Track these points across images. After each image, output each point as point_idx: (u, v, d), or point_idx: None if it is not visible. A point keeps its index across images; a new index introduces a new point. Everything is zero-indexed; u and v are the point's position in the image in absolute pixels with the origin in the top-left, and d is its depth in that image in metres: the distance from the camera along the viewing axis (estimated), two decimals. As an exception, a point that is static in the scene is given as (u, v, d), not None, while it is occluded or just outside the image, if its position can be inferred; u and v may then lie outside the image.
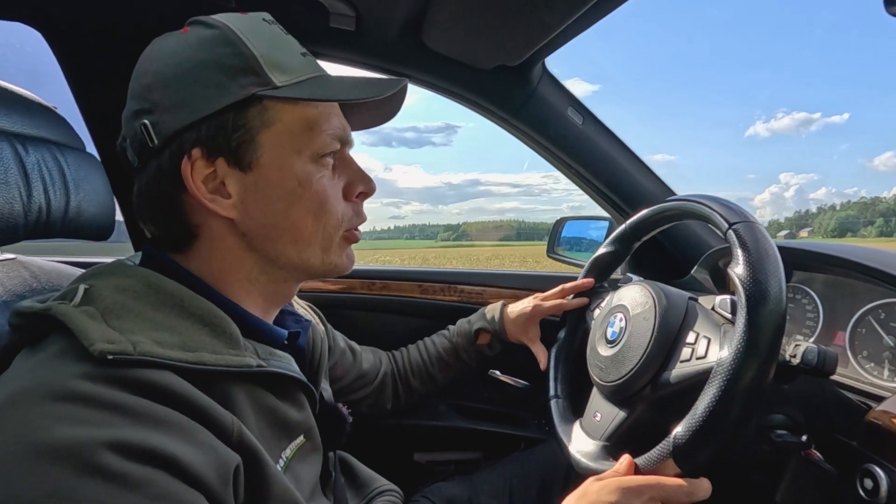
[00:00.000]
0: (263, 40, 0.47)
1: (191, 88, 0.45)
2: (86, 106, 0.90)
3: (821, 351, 0.52)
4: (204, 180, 0.46)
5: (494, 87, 0.96)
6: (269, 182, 0.47)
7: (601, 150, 1.03)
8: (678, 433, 0.48)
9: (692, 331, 0.57)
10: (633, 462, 0.51)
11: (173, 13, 0.48)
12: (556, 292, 0.87)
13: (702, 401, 0.47)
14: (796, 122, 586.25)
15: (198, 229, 0.48)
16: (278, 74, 0.46)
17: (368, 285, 1.16)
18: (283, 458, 0.48)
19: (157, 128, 0.45)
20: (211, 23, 0.47)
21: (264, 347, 0.48)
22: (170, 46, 0.47)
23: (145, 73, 0.47)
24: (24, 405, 0.33)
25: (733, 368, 0.46)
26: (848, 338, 0.74)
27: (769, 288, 0.48)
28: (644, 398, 0.58)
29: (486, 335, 0.90)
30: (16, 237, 0.53)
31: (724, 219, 0.56)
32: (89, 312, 0.39)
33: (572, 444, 0.64)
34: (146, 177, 0.47)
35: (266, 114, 0.47)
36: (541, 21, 0.78)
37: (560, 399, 0.74)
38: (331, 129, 0.50)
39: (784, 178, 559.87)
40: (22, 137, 0.54)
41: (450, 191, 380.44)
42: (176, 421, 0.36)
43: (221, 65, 0.45)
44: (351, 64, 0.94)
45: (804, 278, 0.84)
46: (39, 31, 0.84)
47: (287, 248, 0.49)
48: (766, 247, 0.51)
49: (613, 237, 0.81)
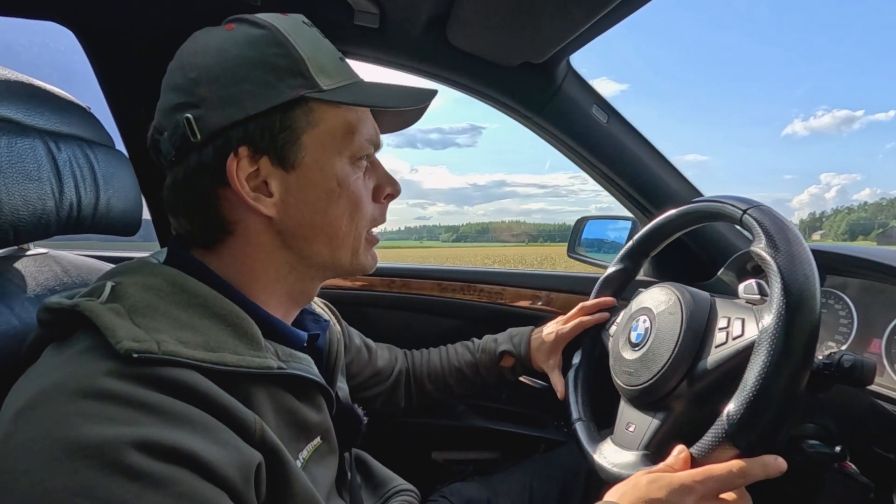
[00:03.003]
0: (307, 43, 0.48)
1: (240, 86, 0.45)
2: (116, 104, 0.91)
3: (857, 359, 0.50)
4: (247, 178, 0.46)
5: (519, 85, 0.95)
6: (311, 182, 0.48)
7: (626, 149, 1.01)
8: (730, 410, 0.46)
9: (723, 317, 0.57)
10: (689, 454, 0.49)
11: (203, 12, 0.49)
12: (575, 312, 0.86)
13: (751, 371, 0.46)
14: (837, 121, 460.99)
15: (233, 226, 0.48)
16: (323, 78, 0.48)
17: (389, 283, 1.16)
18: (301, 459, 0.48)
19: (200, 122, 0.45)
20: (259, 22, 0.47)
21: (284, 349, 0.48)
22: (216, 42, 0.47)
23: (190, 67, 0.46)
24: (52, 402, 0.34)
25: (780, 329, 0.45)
26: (884, 346, 0.71)
27: (795, 250, 0.50)
28: (680, 395, 0.56)
29: (510, 359, 0.89)
30: (48, 233, 0.54)
31: (736, 207, 0.57)
32: (116, 310, 0.39)
33: (607, 461, 0.61)
34: (184, 170, 0.47)
35: (311, 115, 0.48)
36: (567, 17, 0.77)
37: (584, 421, 0.72)
38: (367, 133, 0.52)
39: (825, 179, 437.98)
40: (54, 135, 0.55)
41: (475, 192, 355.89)
42: (200, 419, 0.37)
43: (271, 65, 0.46)
44: (375, 62, 0.94)
45: (837, 283, 0.81)
46: (71, 30, 0.85)
47: (321, 247, 0.50)
48: (781, 220, 0.53)
49: (622, 254, 0.81)
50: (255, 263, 0.49)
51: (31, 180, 0.50)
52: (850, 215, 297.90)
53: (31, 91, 0.56)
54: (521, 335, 0.89)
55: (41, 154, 0.52)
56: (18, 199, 0.49)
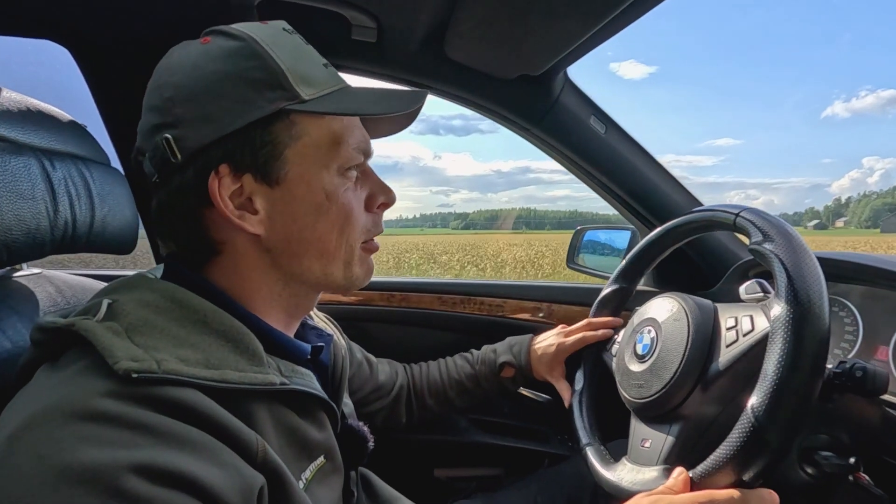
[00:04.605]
0: (287, 52, 0.46)
1: (217, 103, 0.44)
2: (111, 121, 0.91)
3: (870, 368, 0.49)
4: (230, 196, 0.45)
5: (516, 97, 0.95)
6: (297, 197, 0.47)
7: (624, 160, 1.01)
8: (754, 403, 0.45)
9: (729, 317, 0.56)
10: (689, 477, 0.48)
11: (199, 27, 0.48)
12: (581, 326, 0.84)
13: (769, 360, 0.45)
14: (882, 101, 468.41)
15: (221, 246, 0.47)
16: (305, 88, 0.45)
17: (388, 297, 1.15)
18: (303, 479, 0.46)
19: (180, 143, 0.44)
20: (234, 33, 0.46)
21: (287, 364, 0.47)
22: (191, 58, 0.45)
23: (165, 86, 0.45)
24: (47, 424, 0.32)
25: (794, 313, 0.45)
26: (892, 353, 0.71)
27: (789, 237, 0.51)
28: (694, 401, 0.55)
29: (510, 369, 0.87)
30: (42, 252, 0.53)
31: (728, 213, 0.59)
32: (113, 328, 0.38)
33: (626, 481, 0.58)
34: (167, 192, 0.46)
35: (293, 128, 0.46)
36: (564, 30, 0.77)
37: (594, 444, 0.70)
38: (355, 141, 0.50)
39: (868, 163, 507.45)
40: (49, 153, 0.54)
41: (499, 178, 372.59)
42: (200, 441, 0.35)
43: (248, 79, 0.44)
44: (373, 76, 0.94)
45: (842, 290, 0.81)
46: (66, 48, 0.85)
47: (312, 262, 0.49)
48: (773, 216, 0.55)
49: (616, 274, 0.80)
50: (247, 282, 0.48)
51: (24, 199, 0.49)
52: (874, 200, 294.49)
53: (25, 109, 0.55)
54: (520, 345, 0.88)
55: (35, 172, 0.51)
56: (11, 218, 0.48)
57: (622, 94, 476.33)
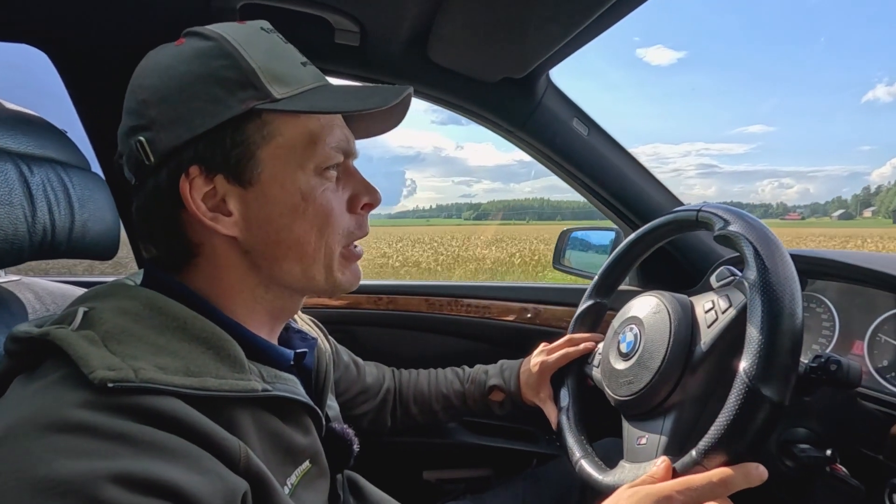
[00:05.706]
0: (261, 51, 0.45)
1: (187, 104, 0.43)
2: (90, 125, 0.90)
3: (844, 362, 0.51)
4: (203, 198, 0.45)
5: (500, 100, 0.96)
6: (271, 198, 0.46)
7: (607, 161, 1.03)
8: (745, 366, 0.45)
9: (706, 302, 0.59)
10: (671, 466, 0.48)
11: (179, 31, 0.48)
12: (562, 342, 0.83)
13: (752, 323, 0.47)
14: None
15: (198, 248, 0.47)
16: (277, 87, 0.45)
17: (375, 301, 1.15)
18: (289, 485, 0.46)
19: (153, 145, 0.44)
20: (206, 34, 0.45)
21: (269, 370, 0.47)
22: (165, 60, 0.45)
23: (140, 89, 0.45)
24: (22, 437, 0.32)
25: (765, 272, 0.48)
26: (867, 347, 0.72)
27: (746, 217, 0.55)
28: (684, 387, 0.55)
29: (499, 393, 0.86)
30: (21, 258, 0.52)
31: (690, 211, 0.63)
32: (89, 337, 0.38)
33: (627, 482, 0.56)
34: (144, 195, 0.46)
35: (266, 128, 0.45)
36: (545, 34, 0.78)
37: (588, 456, 0.68)
38: (334, 141, 0.49)
39: None
40: (27, 157, 0.54)
41: (521, 168, 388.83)
42: (181, 448, 0.35)
43: (218, 78, 0.44)
44: (356, 80, 0.94)
45: (818, 287, 0.83)
46: (44, 52, 0.84)
47: (292, 265, 0.48)
48: (729, 206, 0.59)
49: (590, 290, 0.81)
50: (228, 285, 0.48)
51: (1, 205, 0.49)
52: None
53: (1, 113, 0.54)
54: (511, 370, 0.86)
55: (13, 177, 0.51)
56: (-11, 224, 0.47)
57: (649, 82, 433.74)
